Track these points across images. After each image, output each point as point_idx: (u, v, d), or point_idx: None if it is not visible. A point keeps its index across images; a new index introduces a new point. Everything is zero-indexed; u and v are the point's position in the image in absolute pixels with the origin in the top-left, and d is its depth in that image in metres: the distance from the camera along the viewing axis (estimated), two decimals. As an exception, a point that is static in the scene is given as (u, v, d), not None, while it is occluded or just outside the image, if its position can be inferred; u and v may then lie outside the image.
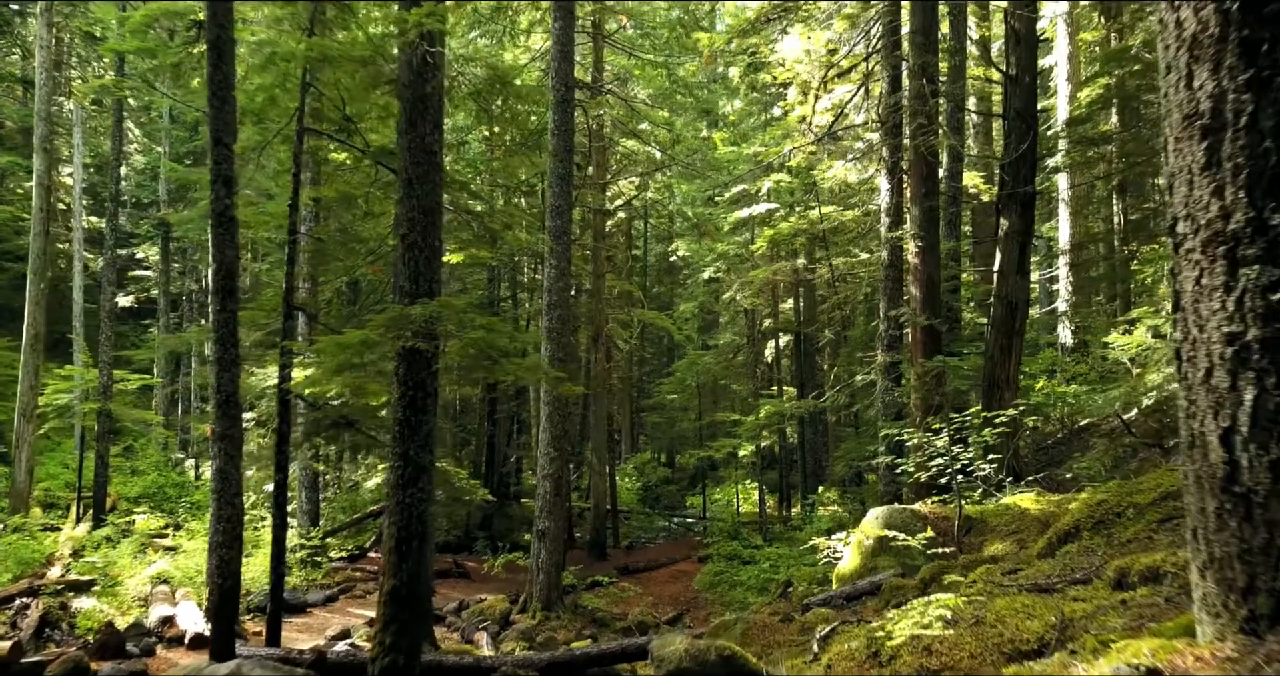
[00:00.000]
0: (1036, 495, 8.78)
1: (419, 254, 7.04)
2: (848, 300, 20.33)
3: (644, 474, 35.92)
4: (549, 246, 14.58)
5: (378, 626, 6.74)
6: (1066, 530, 5.73)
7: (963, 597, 4.19)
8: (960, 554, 7.65)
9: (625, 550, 23.63)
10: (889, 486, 12.84)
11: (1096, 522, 5.57)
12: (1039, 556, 5.83)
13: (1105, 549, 5.01)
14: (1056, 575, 4.53)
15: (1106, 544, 5.15)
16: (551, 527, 14.35)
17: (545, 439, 14.53)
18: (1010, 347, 12.36)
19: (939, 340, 12.91)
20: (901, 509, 8.72)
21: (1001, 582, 4.68)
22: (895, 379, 12.99)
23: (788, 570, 16.11)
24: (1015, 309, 12.35)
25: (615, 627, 14.61)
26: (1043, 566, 5.02)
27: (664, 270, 45.86)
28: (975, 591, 4.67)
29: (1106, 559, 4.72)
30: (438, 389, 7.11)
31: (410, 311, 6.50)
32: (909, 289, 13.10)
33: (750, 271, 24.25)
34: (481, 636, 12.63)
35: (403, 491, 6.89)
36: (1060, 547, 5.65)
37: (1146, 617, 2.95)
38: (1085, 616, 3.27)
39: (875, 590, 7.79)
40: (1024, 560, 5.99)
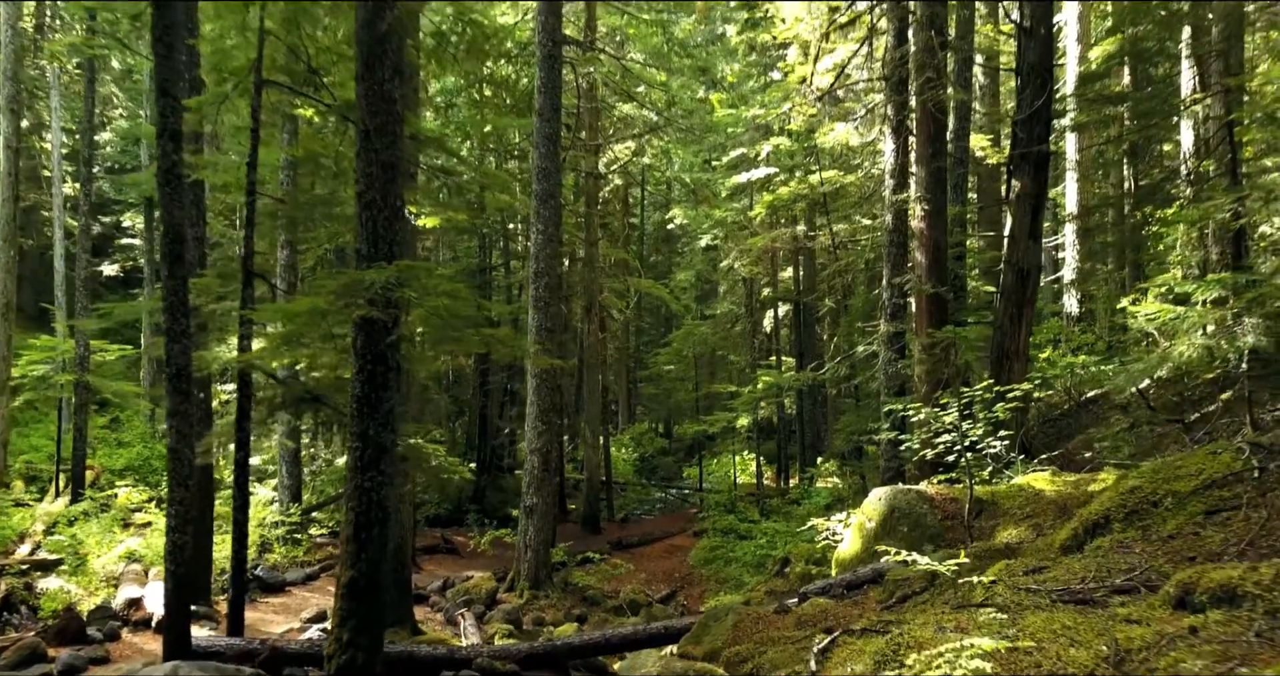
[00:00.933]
0: (1051, 475, 8.19)
1: (377, 214, 6.37)
2: (849, 267, 19.65)
3: (641, 445, 35.44)
4: (535, 211, 13.88)
5: (334, 620, 6.17)
6: (1095, 520, 5.11)
7: (989, 612, 3.58)
8: (971, 540, 7.06)
9: (620, 523, 23.16)
10: (891, 462, 12.26)
11: (1129, 512, 4.96)
12: (1063, 549, 5.22)
13: (1143, 546, 4.40)
14: (1092, 578, 3.92)
15: (1143, 539, 4.54)
16: (540, 504, 13.81)
17: (533, 412, 13.94)
18: (1021, 317, 11.73)
19: (945, 309, 12.26)
20: (906, 490, 8.13)
21: (1028, 587, 4.07)
22: (899, 350, 12.36)
23: (784, 546, 15.60)
24: (1027, 276, 11.70)
25: (606, 606, 14.13)
26: (1072, 564, 4.41)
27: (662, 239, 45.11)
28: (997, 597, 4.06)
29: (1148, 559, 4.11)
30: (400, 362, 6.47)
31: (364, 277, 5.85)
32: (914, 255, 12.42)
33: (749, 239, 23.54)
34: (466, 617, 12.11)
35: (361, 475, 6.28)
36: (1089, 540, 5.04)
37: (1234, 658, 2.35)
38: (1146, 647, 2.67)
39: (878, 578, 7.21)
40: (1046, 554, 5.38)
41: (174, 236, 7.66)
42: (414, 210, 10.15)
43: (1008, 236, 11.98)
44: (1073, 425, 15.07)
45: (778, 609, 7.04)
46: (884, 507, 8.05)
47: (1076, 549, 5.08)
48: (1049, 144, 11.92)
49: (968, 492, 7.99)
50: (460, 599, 13.16)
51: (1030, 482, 8.04)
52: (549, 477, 13.96)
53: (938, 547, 7.53)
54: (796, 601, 7.26)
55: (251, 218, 8.60)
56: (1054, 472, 8.28)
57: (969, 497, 7.23)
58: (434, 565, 16.47)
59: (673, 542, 20.11)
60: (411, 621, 11.08)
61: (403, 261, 6.08)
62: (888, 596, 6.58)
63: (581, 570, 15.41)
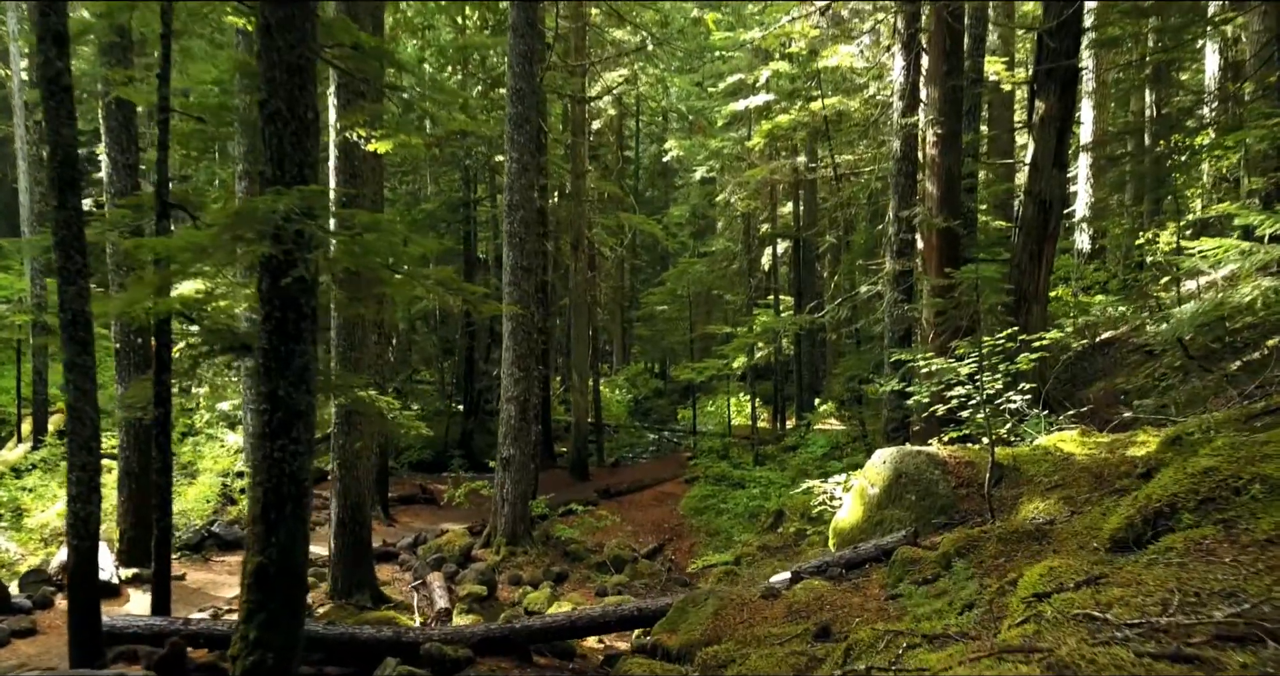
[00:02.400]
0: (1080, 434, 7.20)
1: (283, 128, 5.22)
2: (851, 201, 18.38)
3: (635, 386, 34.59)
4: (509, 137, 12.64)
5: (240, 615, 5.22)
6: (1157, 507, 4.10)
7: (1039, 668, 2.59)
8: (993, 515, 6.08)
9: (610, 469, 22.36)
10: (894, 412, 11.27)
11: (1203, 501, 3.95)
12: (1115, 543, 4.22)
13: (1232, 552, 3.39)
14: (1180, 607, 2.91)
15: (1229, 540, 3.54)
16: (517, 455, 12.88)
17: (509, 358, 12.91)
18: (1041, 254, 10.63)
19: (958, 245, 11.15)
20: (915, 452, 7.14)
21: (1088, 614, 3.07)
22: (905, 291, 11.28)
23: (778, 498, 14.77)
24: (1049, 208, 10.57)
25: (589, 562, 13.32)
26: (1139, 573, 3.40)
27: (658, 172, 43.59)
28: (1046, 634, 3.07)
29: (1246, 575, 3.11)
30: (314, 309, 5.40)
31: (256, 206, 4.74)
32: (924, 185, 11.25)
33: (746, 170, 22.23)
34: (435, 579, 11.28)
35: (270, 442, 5.26)
36: (1150, 534, 4.04)
37: None
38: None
39: (883, 556, 6.27)
40: (1092, 545, 4.40)
41: (63, 158, 6.52)
42: (362, 133, 8.96)
43: (1029, 164, 10.80)
44: (1088, 370, 14.05)
45: (766, 592, 6.11)
46: (889, 472, 7.07)
47: (1134, 544, 4.08)
48: (1078, 59, 10.67)
49: (986, 456, 7.00)
50: (432, 556, 12.32)
51: (1056, 444, 7.06)
52: (527, 427, 13.01)
53: (950, 520, 6.58)
54: (788, 581, 6.33)
55: (164, 139, 7.44)
56: (1082, 431, 7.28)
57: (990, 464, 6.24)
58: (410, 516, 15.65)
59: (663, 490, 19.30)
60: (372, 585, 10.23)
61: (309, 186, 4.96)
62: (894, 581, 5.63)
63: (564, 522, 14.58)
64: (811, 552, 10.96)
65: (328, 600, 9.91)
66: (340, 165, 9.64)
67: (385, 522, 14.76)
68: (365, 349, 9.96)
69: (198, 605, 9.84)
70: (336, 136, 9.56)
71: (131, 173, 10.51)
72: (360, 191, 9.74)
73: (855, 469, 13.82)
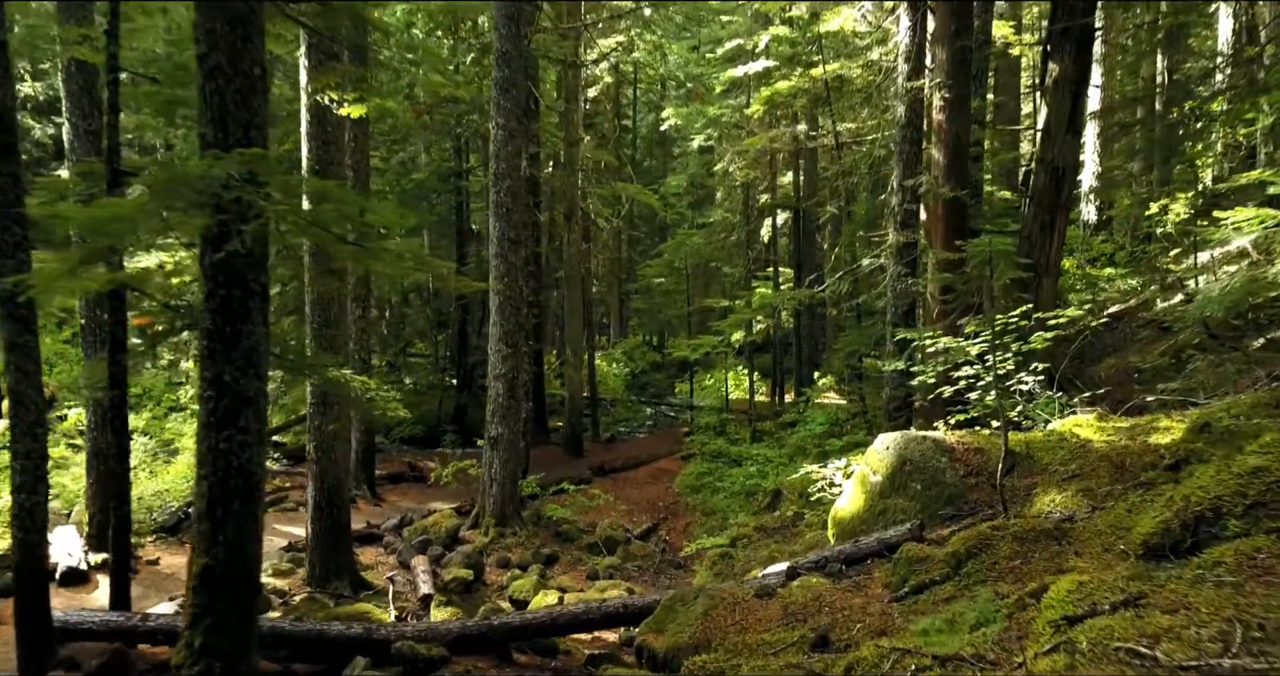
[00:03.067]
0: (1097, 419, 6.74)
1: (225, 85, 4.70)
2: (852, 169, 17.78)
3: (633, 359, 34.13)
4: (495, 102, 12.07)
5: (185, 620, 4.78)
6: (1198, 511, 3.65)
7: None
8: (1005, 507, 5.63)
9: (605, 444, 21.96)
10: (897, 390, 10.82)
11: (1253, 505, 3.50)
12: (1149, 549, 3.77)
13: (1295, 570, 2.93)
14: (1243, 645, 2.46)
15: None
16: (505, 434, 12.45)
17: (496, 333, 12.44)
18: (1053, 225, 10.14)
19: (965, 216, 10.63)
20: (920, 437, 6.68)
21: (1128, 648, 2.61)
22: (909, 264, 10.77)
23: (776, 476, 14.37)
24: (1062, 176, 10.05)
25: (580, 544, 12.94)
26: (1185, 594, 2.95)
27: (656, 141, 42.87)
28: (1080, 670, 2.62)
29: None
30: (266, 285, 4.91)
31: (189, 171, 4.23)
32: (930, 152, 10.71)
33: (745, 139, 21.60)
34: (420, 562, 10.88)
35: (215, 432, 4.80)
36: (1190, 542, 3.58)
37: None
38: None
39: (886, 551, 5.83)
40: (1120, 550, 3.95)
41: (-3, 122, 5.99)
42: (334, 97, 8.41)
43: (1041, 130, 10.27)
44: (1096, 345, 13.56)
45: (760, 590, 5.67)
46: (892, 459, 6.62)
47: (1172, 552, 3.63)
48: (1094, 17, 10.09)
49: (996, 442, 6.55)
50: (417, 539, 11.92)
51: (1072, 429, 6.60)
52: (516, 405, 12.56)
53: (958, 511, 6.13)
54: (784, 577, 5.89)
55: (114, 101, 6.90)
56: (1099, 415, 6.82)
57: (1003, 451, 5.77)
58: (397, 495, 15.26)
59: (659, 466, 18.91)
60: (352, 571, 9.83)
61: (251, 150, 4.44)
62: (899, 582, 5.19)
63: (556, 501, 14.20)
64: (810, 535, 10.56)
65: (305, 587, 9.52)
66: (312, 131, 9.09)
67: (371, 502, 14.37)
68: (343, 325, 9.48)
69: (170, 592, 9.43)
70: (308, 100, 9.00)
71: (95, 140, 9.94)
72: (334, 159, 9.20)
73: (855, 448, 13.40)
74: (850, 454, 11.83)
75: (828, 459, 14.14)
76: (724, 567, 11.41)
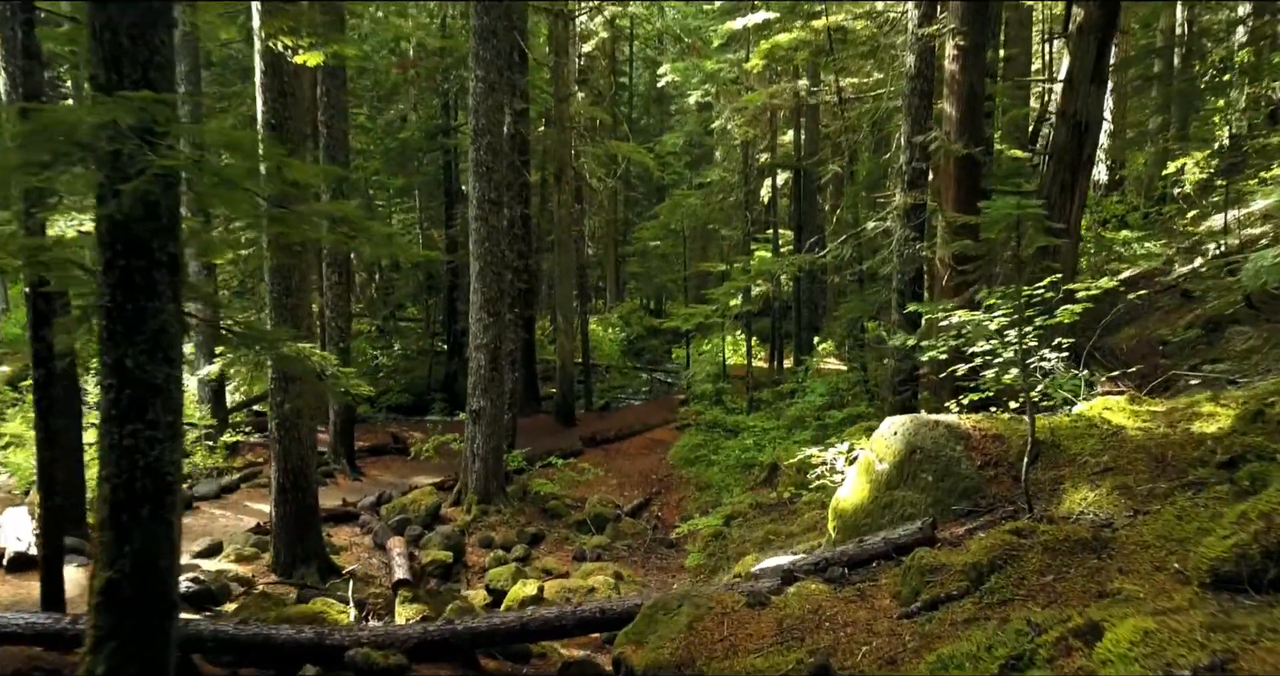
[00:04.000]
0: (1129, 401, 6.06)
1: (119, 16, 3.94)
2: (855, 126, 16.90)
3: (629, 324, 33.40)
4: (474, 53, 11.23)
5: (87, 644, 4.15)
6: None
7: None
8: (1030, 506, 4.98)
9: (598, 413, 21.36)
10: (903, 361, 10.11)
11: (1357, 532, 2.81)
12: (1216, 580, 3.12)
13: None
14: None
15: None
16: (488, 407, 11.80)
17: (477, 301, 11.73)
18: (1074, 186, 9.38)
19: (979, 176, 9.87)
20: (932, 423, 6.01)
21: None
22: (916, 227, 10.01)
23: (773, 449, 13.76)
24: (1085, 131, 9.27)
25: (568, 521, 12.37)
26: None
27: (653, 99, 41.79)
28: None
29: None
30: (177, 255, 4.20)
31: (62, 119, 3.50)
32: (942, 106, 9.91)
33: (744, 95, 20.65)
34: (396, 544, 10.28)
35: (118, 427, 4.13)
36: (1275, 573, 2.92)
37: None
38: None
39: (894, 553, 5.19)
40: (1172, 571, 3.28)
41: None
42: (288, 42, 7.61)
43: (1064, 80, 9.47)
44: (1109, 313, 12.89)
45: (751, 597, 5.04)
46: (901, 445, 5.96)
47: (1251, 585, 2.97)
48: (1125, -42, 9.24)
49: (1016, 428, 5.89)
50: (395, 517, 11.33)
51: (1101, 413, 5.92)
52: (499, 377, 11.89)
53: (975, 507, 5.49)
54: (779, 582, 5.26)
55: (30, 45, 6.11)
56: (1131, 397, 6.14)
57: (1029, 440, 5.11)
58: (379, 469, 14.65)
59: (653, 436, 18.32)
60: (320, 556, 9.23)
61: (147, 93, 3.70)
62: (910, 594, 4.55)
63: (544, 475, 13.60)
64: (808, 515, 9.95)
65: (269, 573, 8.93)
66: (268, 82, 8.30)
67: (351, 476, 13.77)
68: (303, 295, 8.76)
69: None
70: (260, 46, 8.19)
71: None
72: (292, 113, 8.41)
73: (857, 421, 12.76)
74: (852, 431, 11.19)
75: (827, 432, 13.52)
76: (717, 548, 10.83)
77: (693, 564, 10.43)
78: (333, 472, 13.62)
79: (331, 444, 14.03)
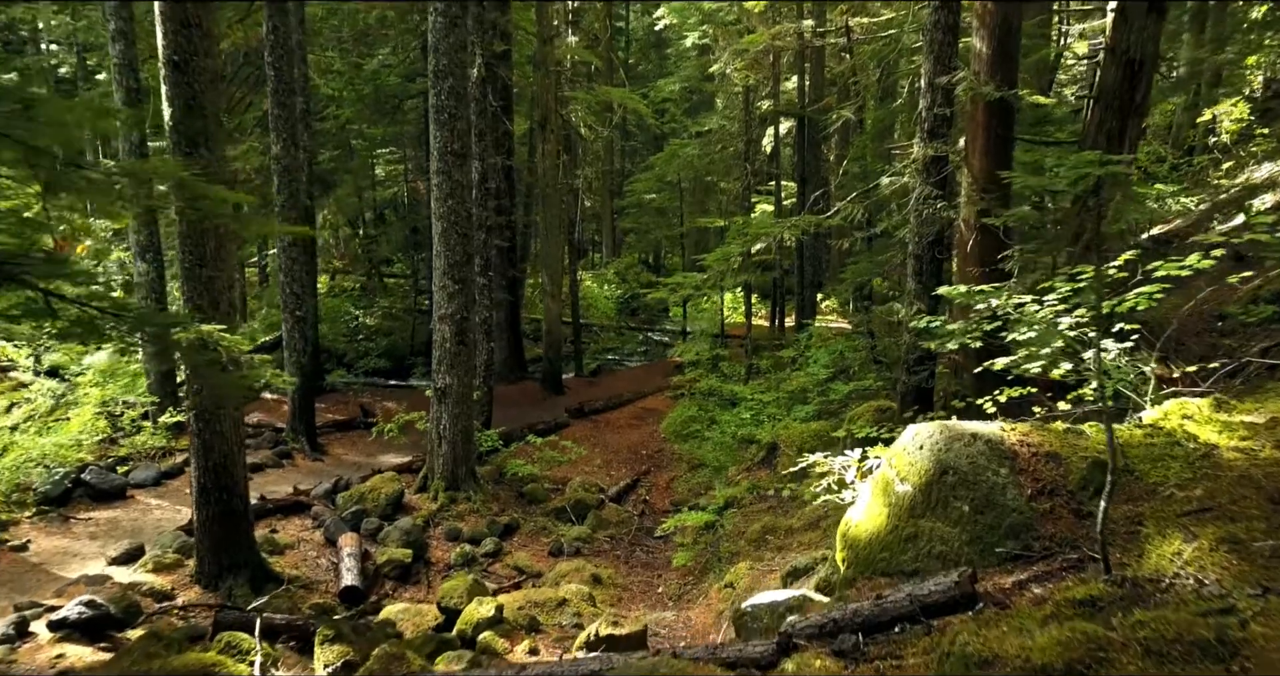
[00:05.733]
0: (1213, 407, 4.83)
1: None
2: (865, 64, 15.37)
3: (626, 281, 32.09)
4: (430, -20, 9.80)
5: None
6: None
7: None
8: (1107, 564, 3.77)
9: (589, 379, 20.20)
10: (920, 337, 8.86)
11: None
12: None
13: None
14: None
15: None
16: (455, 385, 10.61)
17: (440, 266, 10.47)
18: (1124, 134, 8.02)
19: (1012, 123, 8.50)
20: (967, 435, 4.77)
21: None
22: (938, 183, 8.68)
23: (772, 425, 12.59)
24: (1139, 70, 7.90)
25: (546, 508, 11.27)
26: None
27: (651, 45, 39.96)
28: None
29: None
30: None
31: None
32: (971, 43, 8.50)
33: (745, 37, 19.08)
34: (348, 541, 9.18)
35: None
36: None
37: None
38: None
39: (921, 615, 4.00)
40: None
41: None
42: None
43: (1113, 9, 8.05)
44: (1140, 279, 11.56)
45: (739, 667, 3.88)
46: (928, 463, 4.75)
47: None
48: None
49: (1074, 443, 4.66)
50: (351, 507, 10.20)
51: (1181, 424, 4.70)
52: (467, 351, 10.66)
53: (1026, 551, 4.29)
54: (772, 650, 4.09)
55: None
56: (1217, 402, 4.91)
57: (1109, 468, 3.89)
58: (344, 447, 13.50)
59: (645, 405, 17.20)
60: (253, 563, 8.10)
61: None
62: None
63: (523, 457, 12.45)
64: (810, 508, 8.82)
65: (192, 586, 7.81)
66: (167, 10, 6.92)
67: (310, 456, 12.62)
68: (222, 263, 7.48)
69: (28, 590, 7.73)
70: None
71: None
72: (199, 48, 7.04)
73: (866, 399, 11.57)
74: (859, 412, 10.00)
75: (832, 408, 12.33)
76: (708, 543, 9.71)
77: (680, 563, 9.33)
78: (290, 453, 12.48)
79: (290, 420, 12.87)
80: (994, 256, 8.35)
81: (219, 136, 7.36)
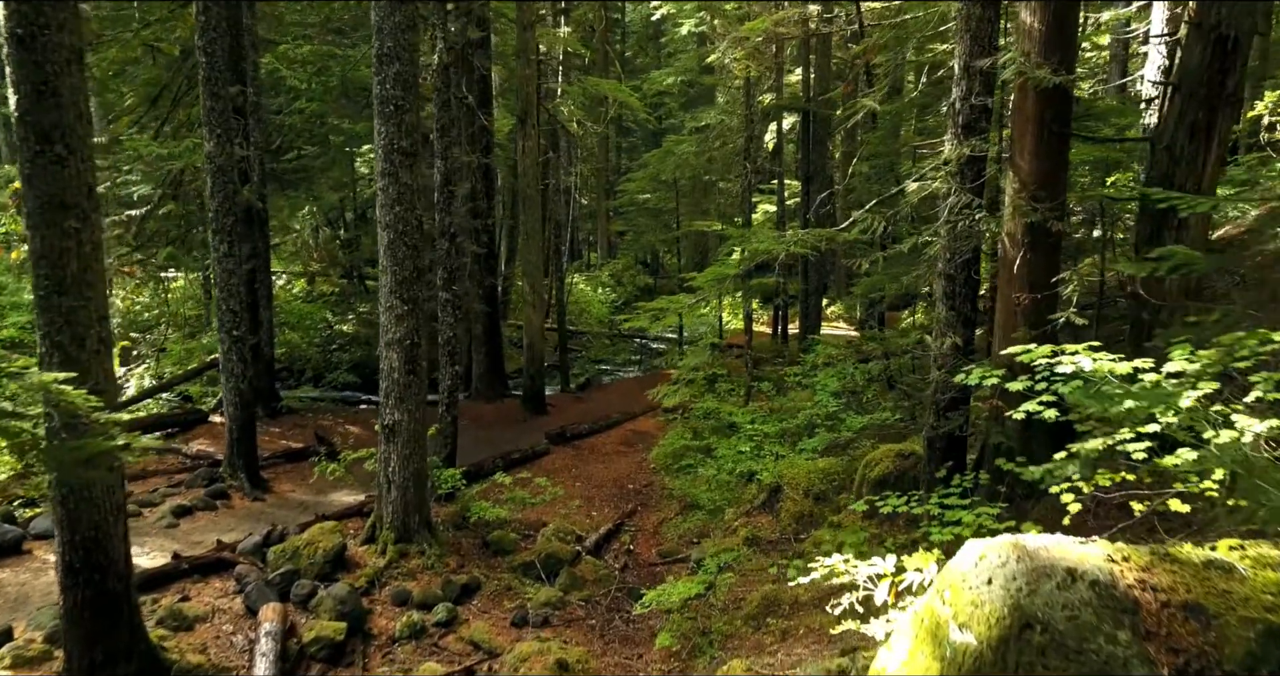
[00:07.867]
0: None
1: None
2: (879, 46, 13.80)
3: (621, 283, 30.61)
4: (370, -53, 8.28)
5: None
6: None
7: None
8: None
9: (576, 394, 18.70)
10: (952, 373, 7.34)
11: None
12: None
13: None
14: None
15: None
16: (405, 422, 9.12)
17: (387, 283, 8.98)
18: (1212, 128, 6.56)
19: (1069, 116, 6.99)
20: (1061, 570, 3.25)
21: None
22: (975, 189, 7.16)
23: (775, 462, 11.10)
24: (1231, 51, 6.44)
25: (513, 562, 9.79)
26: None
27: (648, 36, 38.48)
28: None
29: None
30: None
31: None
32: (1019, 14, 6.98)
33: (745, 24, 17.56)
34: (270, 614, 7.71)
35: None
36: None
37: None
38: None
39: None
40: None
41: None
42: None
43: (1198, -23, 6.54)
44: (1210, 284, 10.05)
45: None
46: (1004, 612, 3.24)
47: None
48: None
49: (1229, 589, 3.16)
50: (283, 565, 8.71)
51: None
52: (417, 382, 9.16)
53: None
54: None
55: None
56: None
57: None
58: (292, 483, 11.97)
59: (634, 427, 15.72)
60: (141, 652, 6.62)
61: None
62: None
63: (490, 497, 10.95)
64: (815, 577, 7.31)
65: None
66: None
67: (250, 496, 11.10)
68: (89, 289, 5.98)
69: None
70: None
71: None
72: (51, 20, 5.56)
73: (883, 439, 10.10)
74: (875, 456, 8.51)
75: (841, 445, 10.85)
76: (700, 615, 8.21)
77: (665, 643, 7.82)
78: (226, 492, 10.99)
79: (227, 453, 11.37)
80: (1047, 279, 6.86)
81: (81, 131, 5.87)
